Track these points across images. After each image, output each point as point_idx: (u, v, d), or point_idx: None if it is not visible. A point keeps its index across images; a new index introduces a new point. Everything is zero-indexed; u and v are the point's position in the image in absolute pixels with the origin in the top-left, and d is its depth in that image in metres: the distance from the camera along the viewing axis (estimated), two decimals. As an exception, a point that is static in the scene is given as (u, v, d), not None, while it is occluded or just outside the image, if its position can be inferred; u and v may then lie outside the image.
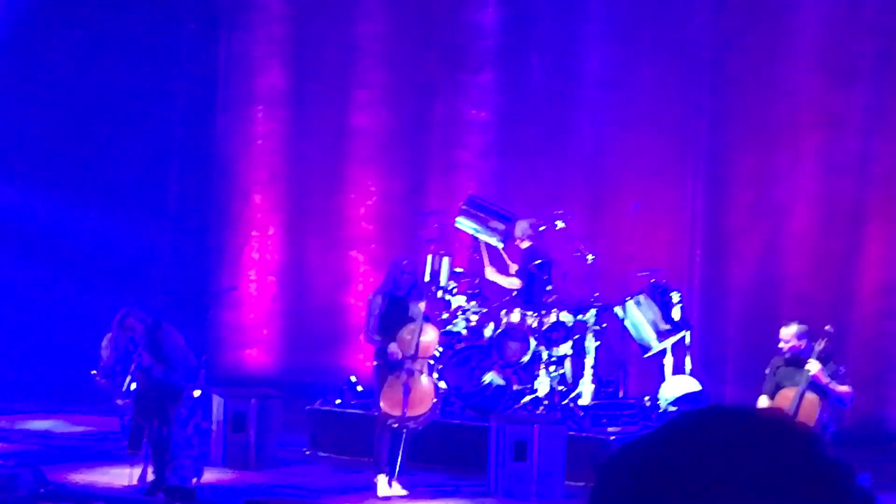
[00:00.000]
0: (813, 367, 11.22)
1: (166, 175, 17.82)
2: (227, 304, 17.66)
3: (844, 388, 11.41)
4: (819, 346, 11.35)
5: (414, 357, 12.02)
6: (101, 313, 16.98)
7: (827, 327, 11.47)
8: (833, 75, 14.82)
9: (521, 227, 13.93)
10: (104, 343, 11.94)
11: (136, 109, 17.48)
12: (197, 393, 11.71)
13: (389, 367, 12.07)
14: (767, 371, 11.72)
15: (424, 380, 12.13)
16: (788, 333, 11.48)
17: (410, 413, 11.89)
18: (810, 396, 11.21)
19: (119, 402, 11.62)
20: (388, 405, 12.00)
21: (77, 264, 17.30)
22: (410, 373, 11.95)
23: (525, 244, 13.91)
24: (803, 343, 11.43)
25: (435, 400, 12.25)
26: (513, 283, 13.93)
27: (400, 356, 12.03)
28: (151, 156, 17.67)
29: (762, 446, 1.77)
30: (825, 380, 11.22)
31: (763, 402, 11.64)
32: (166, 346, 11.46)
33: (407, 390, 11.89)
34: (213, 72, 17.79)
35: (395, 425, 11.97)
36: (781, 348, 11.52)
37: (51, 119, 17.49)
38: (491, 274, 13.95)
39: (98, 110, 17.40)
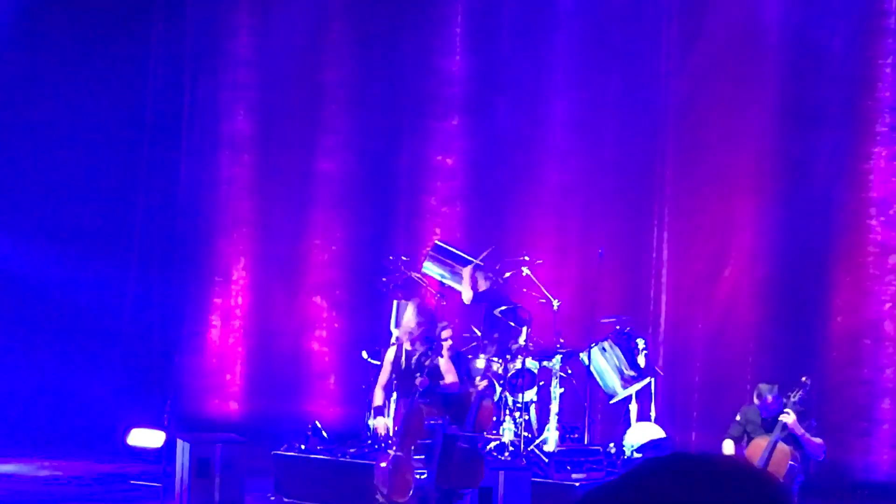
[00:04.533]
0: (789, 417, 11.19)
1: (131, 219, 17.75)
2: (192, 349, 17.57)
3: (818, 441, 11.40)
4: (794, 396, 11.33)
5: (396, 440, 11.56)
6: (64, 358, 16.95)
7: (804, 378, 11.48)
8: (797, 122, 14.88)
9: (465, 272, 13.95)
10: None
11: (100, 153, 17.44)
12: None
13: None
14: (738, 417, 11.71)
15: (406, 468, 11.30)
16: (770, 392, 11.43)
17: (392, 497, 11.38)
18: (782, 447, 11.19)
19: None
20: (378, 477, 11.55)
21: (39, 309, 17.19)
22: (396, 458, 11.39)
23: (481, 286, 13.93)
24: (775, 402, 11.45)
25: (411, 492, 11.26)
26: (466, 293, 13.94)
27: (383, 433, 11.90)
28: (116, 200, 17.62)
29: (725, 493, 1.75)
30: (800, 430, 11.20)
31: (728, 446, 11.62)
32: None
33: (392, 472, 11.38)
34: (178, 116, 17.76)
35: (382, 500, 11.48)
36: (760, 400, 11.49)
37: (13, 164, 17.41)
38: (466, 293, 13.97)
39: (62, 154, 17.34)
